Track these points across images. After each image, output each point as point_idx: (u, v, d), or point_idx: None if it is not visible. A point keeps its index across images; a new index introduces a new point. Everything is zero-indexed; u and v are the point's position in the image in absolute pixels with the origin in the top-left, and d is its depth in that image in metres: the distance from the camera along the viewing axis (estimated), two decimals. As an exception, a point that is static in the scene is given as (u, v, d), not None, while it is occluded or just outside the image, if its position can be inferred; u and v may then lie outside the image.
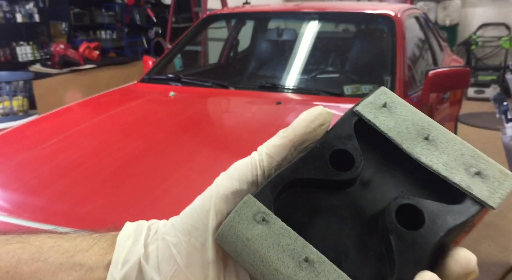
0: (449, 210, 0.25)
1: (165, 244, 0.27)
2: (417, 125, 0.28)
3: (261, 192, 0.26)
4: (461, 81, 1.99)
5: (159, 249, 0.27)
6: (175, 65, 2.75)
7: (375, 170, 0.28)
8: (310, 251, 0.24)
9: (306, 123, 0.28)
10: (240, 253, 0.25)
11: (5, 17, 4.52)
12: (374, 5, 2.63)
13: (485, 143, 3.69)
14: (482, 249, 2.20)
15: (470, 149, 0.27)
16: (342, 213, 0.26)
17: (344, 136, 0.27)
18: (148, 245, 0.28)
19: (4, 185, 1.26)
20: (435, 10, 5.55)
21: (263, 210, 0.25)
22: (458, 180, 0.26)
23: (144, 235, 0.28)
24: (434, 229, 0.24)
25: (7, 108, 3.68)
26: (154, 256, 0.27)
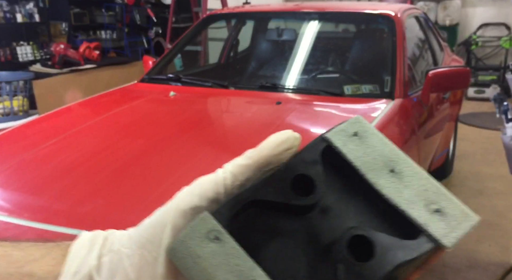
0: (402, 245, 0.25)
1: (119, 256, 0.27)
2: (385, 157, 0.28)
3: (219, 210, 0.26)
4: (461, 81, 1.99)
5: (112, 261, 0.27)
6: (175, 65, 2.76)
7: (338, 198, 0.28)
8: (257, 274, 0.24)
9: (273, 146, 0.28)
10: (189, 270, 0.25)
11: (5, 17, 4.52)
12: (374, 5, 2.63)
13: (485, 142, 3.69)
14: (482, 249, 2.20)
15: (435, 186, 0.27)
16: (299, 238, 0.26)
17: (309, 161, 0.27)
18: (102, 256, 0.27)
19: (4, 185, 1.26)
20: (435, 10, 5.55)
21: (217, 228, 0.25)
22: (416, 215, 0.25)
23: (100, 246, 0.28)
24: (382, 263, 0.24)
25: (7, 108, 3.68)
26: (106, 268, 0.27)
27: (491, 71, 5.36)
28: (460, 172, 3.13)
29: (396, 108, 1.75)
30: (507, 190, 2.82)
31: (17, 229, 1.04)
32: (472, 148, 3.57)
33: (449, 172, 3.06)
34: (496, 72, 5.33)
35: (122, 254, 0.27)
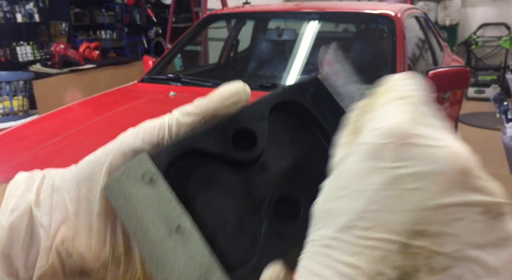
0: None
1: (59, 191, 0.27)
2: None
3: (157, 153, 0.25)
4: (461, 81, 1.99)
5: (51, 196, 0.27)
6: (175, 65, 2.76)
7: (280, 157, 0.27)
8: (184, 220, 0.24)
9: (221, 99, 0.27)
10: (121, 207, 0.25)
11: (5, 17, 4.52)
12: (374, 5, 2.64)
13: (485, 142, 3.69)
14: (482, 249, 2.20)
15: None
16: (233, 191, 0.26)
17: (256, 116, 0.27)
18: (41, 193, 0.27)
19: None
20: (435, 10, 5.55)
21: (153, 170, 0.25)
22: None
23: (37, 183, 0.28)
24: (305, 225, 0.23)
25: (7, 108, 3.68)
26: (47, 203, 0.27)
27: (491, 71, 5.36)
28: (460, 172, 3.12)
29: (396, 108, 1.75)
30: (507, 190, 2.81)
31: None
32: (472, 148, 3.51)
33: (449, 171, 3.06)
34: (496, 72, 5.33)
35: (62, 189, 0.27)
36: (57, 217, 0.27)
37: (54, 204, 0.27)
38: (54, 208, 0.27)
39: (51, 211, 0.27)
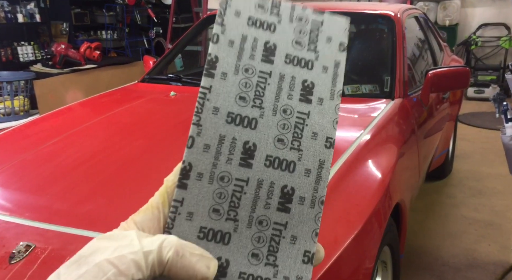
0: None
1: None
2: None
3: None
4: (461, 81, 1.99)
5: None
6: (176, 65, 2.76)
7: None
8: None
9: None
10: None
11: (6, 17, 4.52)
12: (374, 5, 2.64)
13: (484, 142, 3.69)
14: (481, 248, 2.20)
15: None
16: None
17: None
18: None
19: (5, 184, 1.27)
20: (435, 10, 5.55)
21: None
22: None
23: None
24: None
25: (8, 108, 3.68)
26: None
27: (490, 71, 5.36)
28: (460, 172, 3.13)
29: (395, 108, 1.76)
30: (506, 189, 2.82)
31: (18, 229, 1.04)
32: (471, 148, 3.57)
33: (449, 171, 3.07)
34: (496, 72, 5.33)
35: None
36: None
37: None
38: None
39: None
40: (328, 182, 0.33)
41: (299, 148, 0.33)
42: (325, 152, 0.33)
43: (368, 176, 1.33)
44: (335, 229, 1.07)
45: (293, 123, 0.33)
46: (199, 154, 0.31)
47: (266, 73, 0.33)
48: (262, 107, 0.32)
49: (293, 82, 0.33)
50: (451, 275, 2.01)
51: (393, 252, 1.48)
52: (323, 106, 0.33)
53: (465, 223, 2.44)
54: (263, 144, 0.32)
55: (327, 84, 0.34)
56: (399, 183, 1.47)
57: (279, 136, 0.32)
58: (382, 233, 1.22)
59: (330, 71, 0.34)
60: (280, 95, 0.33)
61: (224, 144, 0.31)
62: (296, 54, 0.34)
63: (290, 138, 0.32)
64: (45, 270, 0.91)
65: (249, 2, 0.33)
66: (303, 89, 0.33)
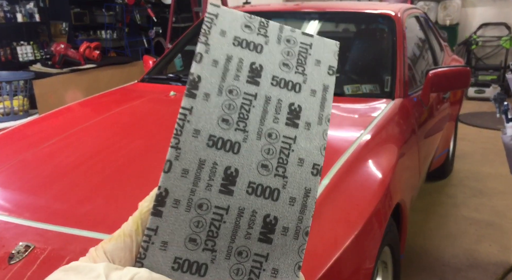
0: None
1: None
2: None
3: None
4: (461, 81, 1.99)
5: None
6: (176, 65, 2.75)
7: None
8: None
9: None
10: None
11: (5, 17, 4.52)
12: (375, 5, 2.63)
13: (485, 142, 3.69)
14: (482, 248, 2.20)
15: None
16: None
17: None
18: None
19: (4, 184, 1.26)
20: (435, 10, 5.55)
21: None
22: None
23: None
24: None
25: (7, 108, 3.68)
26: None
27: (491, 71, 5.35)
28: (460, 172, 3.13)
29: (396, 108, 1.75)
30: (507, 189, 2.82)
31: (17, 229, 1.04)
32: (472, 148, 3.57)
33: (449, 171, 3.06)
34: (496, 72, 5.32)
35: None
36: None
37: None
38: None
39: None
40: (313, 211, 0.32)
41: (284, 175, 0.31)
42: (311, 179, 0.31)
43: (369, 176, 1.33)
44: (335, 229, 1.07)
45: (279, 149, 0.31)
46: (177, 179, 0.30)
47: (251, 95, 0.31)
48: (246, 131, 0.31)
49: (279, 105, 0.32)
50: (451, 275, 2.01)
51: (394, 252, 1.48)
52: (310, 131, 0.32)
53: (465, 223, 2.44)
54: (246, 170, 0.30)
55: (315, 108, 0.33)
56: (400, 183, 1.47)
57: (263, 162, 0.31)
58: (383, 233, 1.22)
59: (318, 95, 0.33)
60: (265, 119, 0.31)
61: (204, 168, 0.30)
62: (283, 76, 0.32)
63: (275, 165, 0.31)
64: (44, 271, 0.91)
65: (235, 21, 0.32)
66: (290, 112, 0.32)
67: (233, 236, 0.30)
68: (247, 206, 0.30)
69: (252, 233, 0.30)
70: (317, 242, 0.99)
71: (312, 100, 0.33)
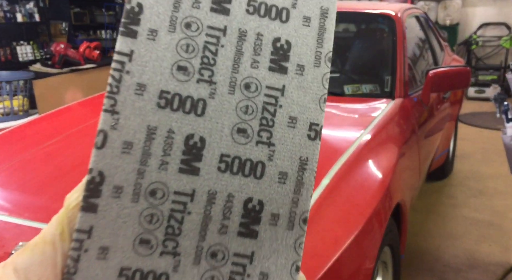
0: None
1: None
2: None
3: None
4: (462, 81, 1.99)
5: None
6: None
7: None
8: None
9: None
10: None
11: (5, 17, 4.52)
12: (375, 5, 2.63)
13: (485, 142, 3.68)
14: (482, 249, 2.20)
15: None
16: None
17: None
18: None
19: (4, 184, 1.26)
20: (436, 10, 5.55)
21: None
22: None
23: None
24: None
25: (7, 108, 3.68)
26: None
27: (491, 71, 5.35)
28: (461, 172, 3.12)
29: (396, 108, 1.75)
30: (507, 189, 2.81)
31: (17, 229, 1.03)
32: (472, 148, 3.57)
33: (450, 171, 3.06)
34: (497, 72, 5.32)
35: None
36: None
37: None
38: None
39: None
40: (312, 189, 0.23)
41: (269, 142, 0.22)
42: (308, 145, 0.23)
43: (369, 176, 1.33)
44: (335, 229, 1.07)
45: (261, 105, 0.22)
46: (116, 157, 0.21)
47: (218, 30, 0.22)
48: (213, 82, 0.22)
49: (259, 42, 0.23)
50: (451, 275, 2.00)
51: (394, 252, 1.48)
52: (304, 77, 0.23)
53: (465, 224, 2.44)
54: (216, 138, 0.22)
55: (309, 43, 0.23)
56: (400, 183, 1.47)
57: (239, 125, 0.22)
58: (383, 233, 1.22)
59: (314, 24, 0.23)
60: (240, 63, 0.22)
61: (155, 139, 0.21)
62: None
63: (256, 128, 0.22)
64: (43, 271, 0.90)
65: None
66: (275, 52, 0.23)
67: (203, 232, 0.22)
68: (220, 188, 0.22)
69: (229, 226, 0.22)
70: (317, 242, 0.99)
71: (306, 32, 0.23)
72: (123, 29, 0.21)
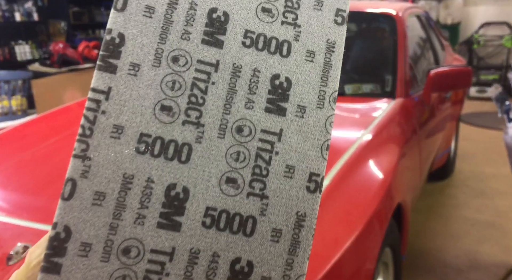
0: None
1: None
2: None
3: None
4: (463, 81, 1.98)
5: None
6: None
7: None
8: None
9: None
10: None
11: (3, 16, 4.51)
12: (376, 4, 2.62)
13: (487, 142, 3.67)
14: (484, 249, 2.19)
15: None
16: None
17: None
18: None
19: (3, 185, 1.25)
20: (437, 9, 5.53)
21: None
22: None
23: None
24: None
25: (5, 107, 3.67)
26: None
27: (493, 70, 5.34)
28: (462, 172, 3.11)
29: (397, 108, 1.74)
30: (509, 190, 2.80)
31: (16, 230, 1.03)
32: (474, 148, 3.56)
33: (451, 172, 3.05)
34: (498, 71, 5.31)
35: None
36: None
37: None
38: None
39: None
40: (310, 250, 0.21)
41: (262, 194, 0.20)
42: (306, 198, 0.21)
43: (369, 176, 1.31)
44: (336, 230, 1.06)
45: (254, 151, 0.20)
46: (85, 210, 0.19)
47: (209, 65, 0.20)
48: (201, 124, 0.20)
49: (255, 79, 0.21)
50: (453, 276, 1.99)
51: (395, 253, 1.47)
52: (305, 120, 0.21)
53: (467, 224, 2.43)
54: (201, 189, 0.19)
55: (313, 81, 0.21)
56: (401, 184, 1.46)
57: (228, 174, 0.20)
58: (384, 234, 1.21)
59: (318, 59, 0.21)
60: (232, 103, 0.20)
61: (131, 190, 0.19)
62: (263, 30, 0.21)
63: (248, 178, 0.20)
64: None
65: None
66: (273, 91, 0.21)
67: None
68: (204, 246, 0.19)
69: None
70: (317, 243, 0.98)
71: (309, 69, 0.21)
72: (101, 63, 0.19)
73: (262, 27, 0.21)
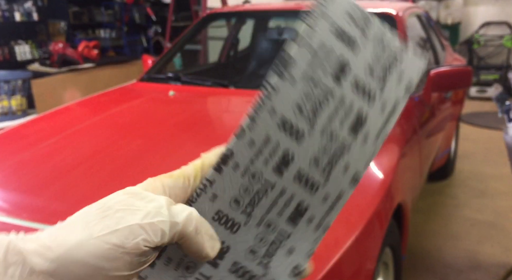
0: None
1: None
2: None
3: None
4: (463, 81, 1.98)
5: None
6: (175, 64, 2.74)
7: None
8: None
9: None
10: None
11: (3, 16, 4.50)
12: (376, 4, 2.61)
13: (487, 142, 3.67)
14: (484, 249, 2.19)
15: None
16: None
17: None
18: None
19: (3, 184, 1.25)
20: (437, 9, 5.53)
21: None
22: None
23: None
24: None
25: (5, 107, 3.66)
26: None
27: (493, 70, 5.34)
28: (462, 172, 3.11)
29: (397, 108, 1.73)
30: (509, 190, 2.80)
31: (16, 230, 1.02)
32: (474, 148, 3.55)
33: (451, 172, 3.05)
34: (499, 71, 5.31)
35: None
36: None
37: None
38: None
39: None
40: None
41: (267, 265, 0.34)
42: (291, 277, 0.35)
43: (370, 176, 1.31)
44: (336, 230, 1.06)
45: (271, 240, 0.34)
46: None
47: (270, 184, 0.32)
48: (250, 215, 0.32)
49: (288, 202, 0.33)
50: (453, 276, 1.99)
51: (395, 253, 1.46)
52: (308, 232, 0.35)
53: (467, 224, 2.42)
54: (236, 250, 0.33)
55: (322, 209, 0.34)
56: (401, 184, 1.45)
57: (253, 247, 0.33)
58: (384, 234, 1.21)
59: (329, 201, 0.36)
60: (271, 210, 0.33)
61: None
62: (312, 175, 0.32)
63: (263, 253, 0.34)
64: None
65: (288, 103, 0.31)
66: (296, 211, 0.33)
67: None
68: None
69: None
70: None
71: (325, 203, 0.34)
72: (216, 166, 0.31)
73: (312, 171, 0.34)
